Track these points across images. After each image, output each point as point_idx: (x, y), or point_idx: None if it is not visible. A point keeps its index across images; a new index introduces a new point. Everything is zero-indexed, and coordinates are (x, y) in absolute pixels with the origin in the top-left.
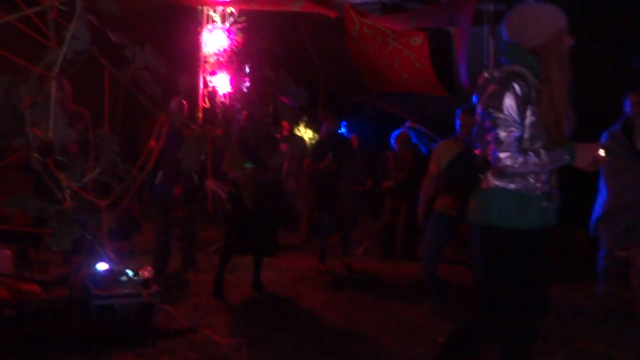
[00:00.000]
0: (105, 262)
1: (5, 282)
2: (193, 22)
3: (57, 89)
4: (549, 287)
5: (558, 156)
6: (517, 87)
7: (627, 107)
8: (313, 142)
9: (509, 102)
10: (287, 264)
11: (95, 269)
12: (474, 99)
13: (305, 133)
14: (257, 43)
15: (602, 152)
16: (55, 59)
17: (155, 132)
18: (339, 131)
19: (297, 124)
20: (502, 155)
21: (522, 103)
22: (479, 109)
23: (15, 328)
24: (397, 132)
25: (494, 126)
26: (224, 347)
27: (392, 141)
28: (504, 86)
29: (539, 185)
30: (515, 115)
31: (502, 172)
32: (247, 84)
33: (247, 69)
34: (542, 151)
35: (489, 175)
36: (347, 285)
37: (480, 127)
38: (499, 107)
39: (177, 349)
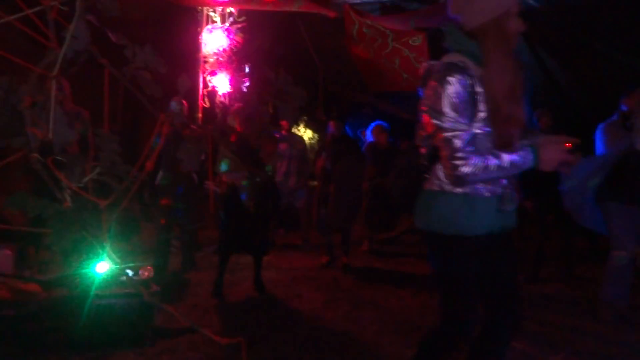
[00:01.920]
0: (105, 262)
1: (5, 282)
2: (193, 22)
3: (57, 89)
4: (518, 289)
5: (521, 158)
6: (455, 82)
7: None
8: (313, 141)
9: (449, 100)
10: (287, 264)
11: (95, 269)
12: (419, 92)
13: (305, 133)
14: (257, 43)
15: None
16: (55, 59)
17: (155, 132)
18: (343, 133)
19: (297, 124)
20: (458, 162)
21: (467, 99)
22: (422, 106)
23: (15, 328)
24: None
25: (441, 129)
26: (224, 347)
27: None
28: (442, 83)
29: (489, 187)
30: (459, 114)
31: (460, 181)
32: (247, 83)
33: (247, 69)
34: (502, 154)
35: (434, 177)
36: (347, 285)
37: (424, 127)
38: (441, 108)
39: (177, 349)
